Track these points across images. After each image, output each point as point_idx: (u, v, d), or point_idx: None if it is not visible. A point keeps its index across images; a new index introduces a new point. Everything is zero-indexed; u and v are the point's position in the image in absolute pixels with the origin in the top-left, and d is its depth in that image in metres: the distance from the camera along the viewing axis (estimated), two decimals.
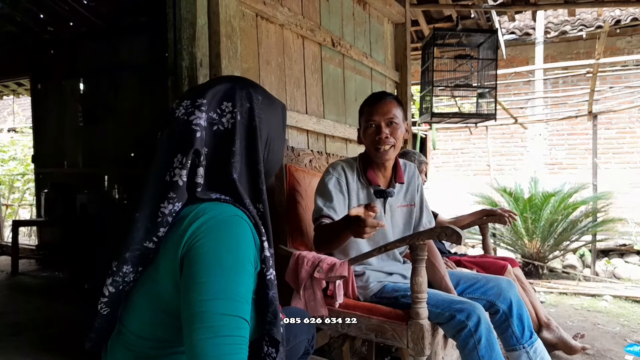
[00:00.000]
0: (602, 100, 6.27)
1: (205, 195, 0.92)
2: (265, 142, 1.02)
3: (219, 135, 0.95)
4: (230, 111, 0.96)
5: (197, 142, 0.91)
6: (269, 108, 1.04)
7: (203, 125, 0.93)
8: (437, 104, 3.81)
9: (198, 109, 0.93)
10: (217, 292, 0.81)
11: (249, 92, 0.99)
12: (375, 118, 1.78)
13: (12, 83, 6.97)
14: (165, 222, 0.90)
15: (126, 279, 0.92)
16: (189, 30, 1.83)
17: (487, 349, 1.52)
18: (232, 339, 0.80)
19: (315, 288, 1.75)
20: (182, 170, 0.90)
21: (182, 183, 0.90)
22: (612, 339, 2.90)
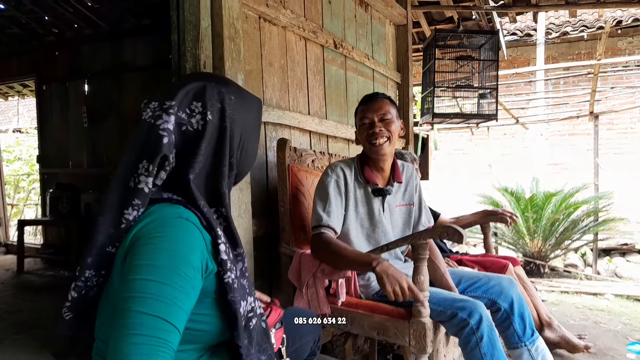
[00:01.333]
0: (604, 101, 6.28)
1: (157, 195, 0.89)
2: (238, 144, 0.97)
3: (187, 136, 0.91)
4: (200, 112, 0.91)
5: (165, 148, 0.87)
6: (243, 107, 0.99)
7: (171, 130, 0.88)
8: (439, 105, 3.83)
9: (166, 112, 0.88)
10: (142, 290, 0.78)
11: (221, 91, 0.95)
12: (369, 115, 1.83)
13: (17, 84, 7.01)
14: (127, 228, 0.87)
15: (89, 284, 0.88)
16: (192, 32, 1.85)
17: (489, 346, 1.53)
18: (148, 339, 0.76)
19: (317, 286, 1.77)
20: (149, 177, 0.86)
21: (148, 190, 0.87)
22: (614, 338, 2.91)
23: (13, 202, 8.38)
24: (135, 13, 4.75)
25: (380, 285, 1.50)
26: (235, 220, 1.86)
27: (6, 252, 5.97)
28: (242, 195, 1.92)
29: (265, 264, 2.20)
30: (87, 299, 0.90)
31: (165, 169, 0.89)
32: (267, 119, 2.21)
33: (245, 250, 1.89)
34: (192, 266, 0.83)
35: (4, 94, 7.79)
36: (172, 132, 0.88)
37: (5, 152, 9.03)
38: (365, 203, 1.89)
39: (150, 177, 0.86)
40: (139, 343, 0.75)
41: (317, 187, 1.89)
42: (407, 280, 1.48)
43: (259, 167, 2.23)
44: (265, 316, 1.07)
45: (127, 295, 0.78)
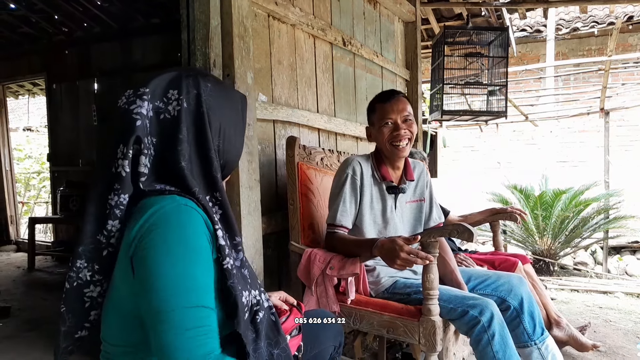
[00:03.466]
0: (614, 97, 6.22)
1: (149, 187, 0.90)
2: (218, 131, 0.97)
3: (166, 124, 0.92)
4: (177, 98, 0.92)
5: (138, 130, 0.88)
6: (221, 95, 0.99)
7: (145, 114, 0.89)
8: (448, 102, 3.82)
9: (140, 97, 0.90)
10: (174, 287, 0.79)
11: (197, 79, 0.96)
12: (392, 116, 1.81)
13: (28, 83, 7.07)
14: (112, 214, 0.87)
15: (80, 275, 0.89)
16: (202, 30, 1.86)
17: (501, 344, 1.52)
18: (196, 330, 0.79)
19: (327, 284, 1.77)
20: (124, 160, 0.87)
21: (125, 174, 0.87)
22: (624, 336, 2.89)
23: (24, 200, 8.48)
24: (144, 12, 4.77)
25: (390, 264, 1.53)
26: (244, 218, 1.87)
27: (17, 250, 6.04)
28: (252, 193, 1.92)
29: (274, 262, 2.21)
30: (81, 295, 0.90)
31: (144, 154, 0.89)
32: (276, 116, 2.22)
33: (255, 249, 1.92)
34: (205, 248, 0.86)
35: (15, 92, 7.86)
36: (146, 116, 0.90)
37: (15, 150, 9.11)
38: (380, 200, 1.90)
39: (126, 160, 0.87)
40: (190, 337, 0.78)
41: (334, 181, 1.91)
42: (402, 248, 1.47)
43: (268, 165, 2.23)
44: (274, 309, 1.07)
45: (161, 296, 0.79)
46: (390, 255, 1.51)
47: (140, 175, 0.89)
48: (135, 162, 0.89)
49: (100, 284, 0.91)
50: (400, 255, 1.47)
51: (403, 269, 1.53)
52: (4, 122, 6.43)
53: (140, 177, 0.89)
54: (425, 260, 1.47)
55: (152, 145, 0.91)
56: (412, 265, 1.51)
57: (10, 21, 5.25)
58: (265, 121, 2.19)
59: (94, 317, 0.93)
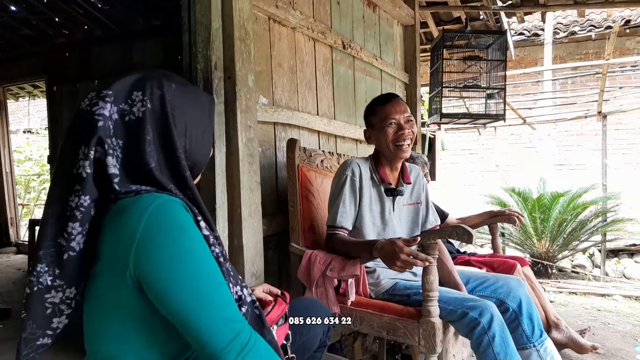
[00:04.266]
0: (612, 101, 6.25)
1: (125, 188, 0.89)
2: (184, 131, 0.97)
3: (131, 125, 0.92)
4: (141, 100, 0.92)
5: (100, 130, 0.87)
6: (186, 95, 0.99)
7: (107, 116, 0.89)
8: (446, 105, 3.83)
9: (102, 99, 0.90)
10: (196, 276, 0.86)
11: (161, 80, 0.96)
12: (395, 116, 1.83)
13: (28, 85, 7.06)
14: (73, 216, 0.86)
15: (41, 279, 0.86)
16: (203, 33, 1.87)
17: (502, 345, 1.53)
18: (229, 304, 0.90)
19: (327, 286, 1.78)
20: (85, 161, 0.86)
21: (86, 175, 0.86)
22: (623, 339, 2.90)
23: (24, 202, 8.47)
24: (145, 15, 4.78)
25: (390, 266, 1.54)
26: (245, 219, 1.89)
27: (17, 252, 6.03)
28: (252, 195, 1.94)
29: (275, 264, 2.22)
30: (42, 301, 0.87)
31: (110, 154, 0.89)
32: (277, 119, 2.23)
33: (256, 250, 1.93)
34: (200, 235, 0.91)
35: (15, 94, 7.85)
36: (109, 118, 0.90)
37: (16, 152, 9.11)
38: (379, 202, 1.92)
39: (87, 161, 0.87)
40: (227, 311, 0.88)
41: (333, 183, 1.92)
42: (402, 250, 1.48)
43: (269, 167, 2.25)
44: (257, 303, 1.09)
45: (187, 285, 0.85)
46: (390, 257, 1.52)
47: (112, 177, 0.89)
48: (102, 165, 0.89)
49: (62, 289, 0.88)
50: (400, 257, 1.48)
51: (403, 271, 1.54)
52: (4, 124, 6.43)
53: (113, 178, 0.89)
54: (425, 262, 1.49)
55: (118, 148, 0.91)
56: (412, 267, 1.52)
57: (11, 23, 5.25)
58: (265, 123, 2.21)
59: (57, 326, 0.91)
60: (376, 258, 1.63)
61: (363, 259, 1.72)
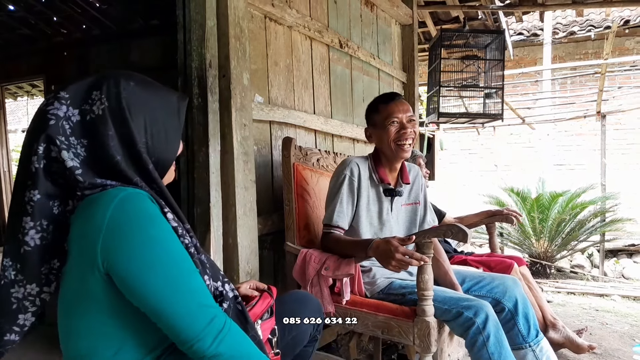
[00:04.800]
0: (611, 101, 6.24)
1: (90, 180, 0.91)
2: (143, 127, 0.98)
3: (94, 123, 0.94)
4: (99, 98, 0.94)
5: (51, 129, 0.90)
6: (146, 92, 1.01)
7: (61, 116, 0.91)
8: (445, 105, 3.83)
9: (58, 100, 0.92)
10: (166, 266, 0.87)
11: (118, 79, 0.98)
12: (398, 115, 1.81)
13: (26, 84, 7.06)
14: (25, 211, 0.89)
15: (6, 274, 0.90)
16: (198, 31, 1.87)
17: (497, 345, 1.52)
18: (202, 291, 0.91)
19: (322, 285, 1.77)
20: (34, 157, 0.89)
21: (35, 169, 0.89)
22: (620, 339, 2.90)
23: None
24: (143, 14, 4.78)
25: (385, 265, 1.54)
26: (240, 218, 1.88)
27: None
28: (247, 193, 1.93)
29: (270, 263, 2.21)
30: (8, 295, 0.90)
31: (64, 149, 0.90)
32: (273, 117, 2.22)
33: (251, 249, 1.93)
34: (164, 218, 0.92)
35: (13, 94, 7.85)
36: (64, 118, 0.92)
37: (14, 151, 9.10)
38: (377, 202, 1.90)
39: (35, 156, 0.89)
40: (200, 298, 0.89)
41: (331, 182, 1.91)
42: (397, 249, 1.48)
43: (264, 166, 2.24)
44: (239, 299, 1.09)
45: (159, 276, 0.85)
46: (385, 257, 1.51)
47: (73, 169, 0.89)
48: (62, 162, 0.89)
49: (22, 285, 0.91)
50: (396, 256, 1.47)
51: (398, 271, 1.53)
52: (3, 124, 6.41)
53: (75, 170, 0.90)
54: (420, 262, 1.48)
55: (81, 146, 0.92)
56: (408, 267, 1.51)
57: (8, 22, 5.25)
58: (261, 122, 2.20)
59: (23, 323, 0.93)
60: (371, 257, 1.62)
61: (358, 258, 1.71)
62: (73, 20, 5.08)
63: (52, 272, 0.94)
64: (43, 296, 0.94)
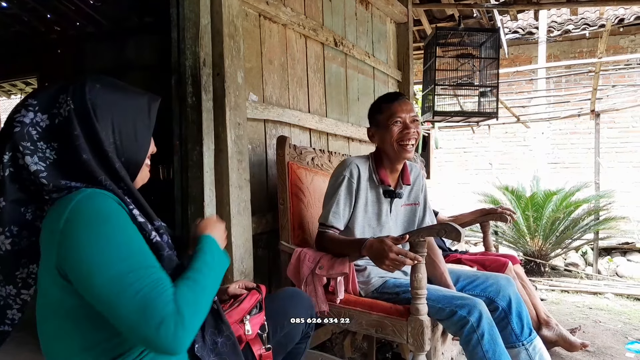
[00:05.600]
0: (605, 99, 6.26)
1: (54, 181, 0.92)
2: (110, 128, 0.98)
3: (62, 126, 0.94)
4: (65, 101, 0.95)
5: (15, 135, 0.91)
6: (112, 96, 1.00)
7: (27, 123, 0.92)
8: (440, 103, 3.83)
9: (25, 108, 0.94)
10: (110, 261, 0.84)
11: (84, 82, 0.98)
12: (402, 115, 1.79)
13: (20, 82, 7.01)
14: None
15: None
16: (192, 29, 1.86)
17: (491, 343, 1.53)
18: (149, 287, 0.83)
19: (316, 284, 1.77)
20: (0, 164, 0.91)
21: (1, 177, 0.91)
22: (613, 337, 2.91)
23: None
24: (138, 11, 4.75)
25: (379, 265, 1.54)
26: (234, 217, 1.87)
27: None
28: (242, 192, 1.92)
29: (264, 262, 2.21)
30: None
31: (27, 154, 0.90)
32: (267, 116, 2.22)
33: (245, 248, 1.92)
34: (126, 218, 0.91)
35: (7, 92, 7.79)
36: (30, 124, 0.92)
37: None
38: (376, 203, 1.89)
39: (1, 165, 0.91)
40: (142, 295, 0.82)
41: (330, 181, 1.89)
42: (391, 249, 1.48)
43: (259, 165, 2.23)
44: (215, 297, 1.08)
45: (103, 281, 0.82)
46: (379, 256, 1.51)
47: (37, 172, 0.90)
48: (24, 167, 0.91)
49: (2, 285, 0.96)
50: (389, 255, 1.47)
51: (392, 271, 1.53)
52: None
53: (39, 174, 0.90)
54: (414, 261, 1.48)
55: (50, 149, 0.93)
56: (402, 267, 1.51)
57: (1, 20, 5.21)
58: (255, 121, 2.19)
59: (12, 317, 0.99)
60: (365, 256, 1.62)
61: (352, 257, 1.71)
62: (67, 18, 5.05)
63: (31, 276, 0.97)
64: (23, 297, 0.98)
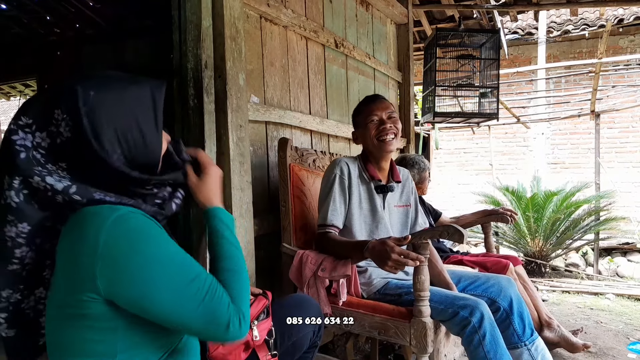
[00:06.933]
0: (605, 100, 6.27)
1: (87, 195, 0.87)
2: (115, 139, 0.90)
3: (66, 146, 0.88)
4: (63, 118, 0.87)
5: (23, 163, 0.85)
6: (110, 99, 0.91)
7: (30, 146, 0.86)
8: (440, 104, 3.82)
9: (22, 129, 0.86)
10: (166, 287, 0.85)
11: (75, 91, 0.88)
12: (378, 113, 1.88)
13: (19, 84, 7.02)
14: (18, 244, 0.87)
15: (11, 300, 0.90)
16: (193, 32, 1.86)
17: (492, 344, 1.53)
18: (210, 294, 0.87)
19: (318, 286, 1.77)
20: (11, 191, 0.85)
21: (15, 204, 0.85)
22: (615, 337, 2.91)
23: None
24: (137, 13, 4.75)
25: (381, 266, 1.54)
26: (236, 220, 1.87)
27: None
28: (244, 195, 1.92)
29: (266, 264, 2.20)
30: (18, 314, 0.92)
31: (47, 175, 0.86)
32: (268, 118, 2.22)
33: (247, 251, 1.92)
34: (161, 231, 0.90)
35: (6, 94, 7.80)
36: (32, 148, 0.87)
37: None
38: (369, 199, 1.93)
39: (12, 191, 0.85)
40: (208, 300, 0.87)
41: (322, 182, 1.93)
42: (393, 250, 1.48)
43: (260, 167, 2.23)
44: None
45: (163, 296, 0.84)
46: (381, 257, 1.52)
47: (67, 189, 0.86)
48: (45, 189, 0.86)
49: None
50: (391, 256, 1.48)
51: (395, 272, 1.53)
52: None
53: (69, 190, 0.86)
54: (416, 262, 1.48)
55: (63, 170, 0.89)
56: (404, 267, 1.52)
57: (0, 21, 5.21)
58: (257, 122, 2.19)
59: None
60: (367, 258, 1.63)
61: (354, 259, 1.71)
62: (66, 20, 5.05)
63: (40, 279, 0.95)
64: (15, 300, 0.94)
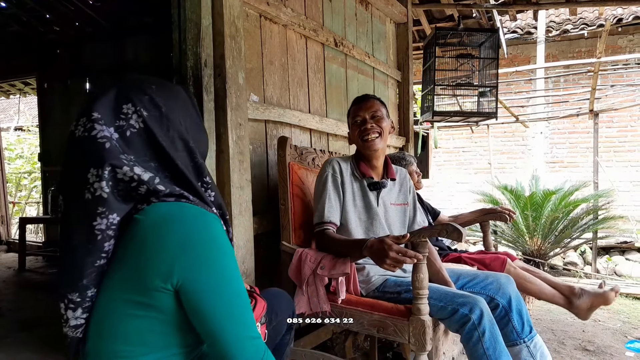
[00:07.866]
0: (604, 99, 6.28)
1: (170, 188, 0.91)
2: (184, 126, 0.97)
3: (137, 138, 0.91)
4: (135, 111, 0.92)
5: (110, 153, 0.88)
6: (168, 94, 0.99)
7: (109, 136, 0.89)
8: (439, 103, 3.84)
9: (96, 122, 0.89)
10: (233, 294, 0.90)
11: (141, 87, 0.95)
12: (360, 113, 1.94)
13: (19, 82, 7.01)
14: (107, 236, 0.88)
15: (93, 300, 0.93)
16: (193, 30, 1.86)
17: (492, 341, 1.54)
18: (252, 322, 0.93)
19: (317, 284, 1.78)
20: (101, 182, 0.86)
21: (107, 195, 0.87)
22: (613, 336, 2.92)
23: (15, 200, 8.41)
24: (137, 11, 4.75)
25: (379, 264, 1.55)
26: (235, 218, 1.88)
27: (8, 250, 5.99)
28: (243, 193, 1.93)
29: (265, 262, 2.21)
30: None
31: (130, 166, 0.88)
32: (268, 117, 2.22)
33: (246, 249, 1.93)
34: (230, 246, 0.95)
35: (6, 92, 7.79)
36: (112, 138, 0.89)
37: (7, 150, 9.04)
38: (362, 196, 1.95)
39: (103, 182, 0.86)
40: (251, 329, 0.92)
41: (316, 183, 1.96)
42: (391, 248, 1.49)
43: (260, 165, 2.24)
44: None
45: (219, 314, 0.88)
46: (380, 255, 1.53)
47: (152, 180, 0.89)
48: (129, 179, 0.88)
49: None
50: (390, 254, 1.49)
51: (393, 270, 1.54)
52: None
53: (153, 181, 0.89)
54: (414, 259, 1.49)
55: (132, 162, 0.90)
56: (402, 265, 1.53)
57: (0, 20, 5.21)
58: (256, 121, 2.20)
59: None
60: (366, 257, 1.64)
61: (353, 257, 1.72)
62: (66, 18, 5.05)
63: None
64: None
